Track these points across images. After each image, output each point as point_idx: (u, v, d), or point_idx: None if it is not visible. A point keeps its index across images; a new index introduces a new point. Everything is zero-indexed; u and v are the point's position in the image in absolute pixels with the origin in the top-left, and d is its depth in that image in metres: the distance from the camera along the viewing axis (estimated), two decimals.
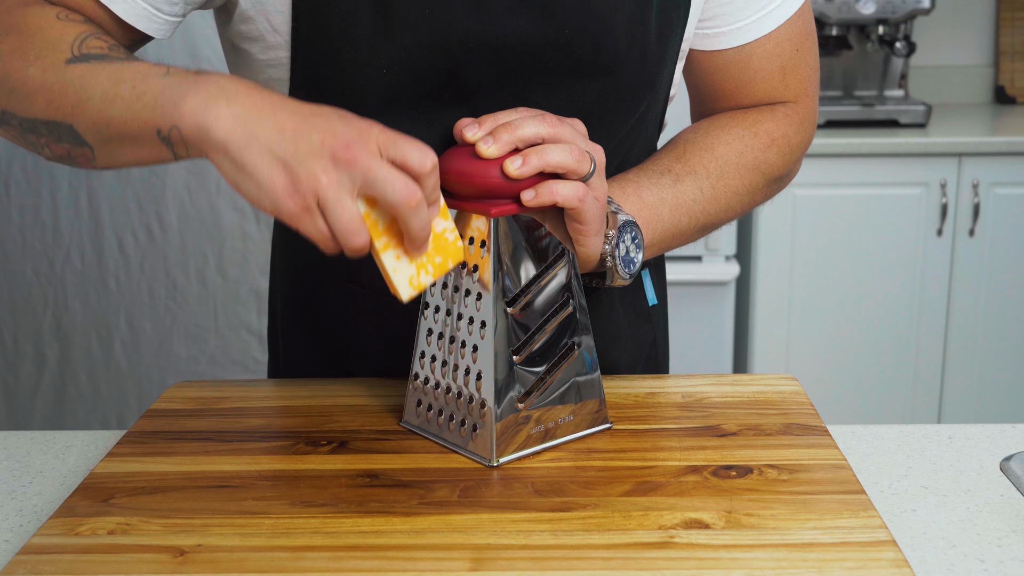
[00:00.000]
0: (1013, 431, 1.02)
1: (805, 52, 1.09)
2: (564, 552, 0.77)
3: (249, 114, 0.77)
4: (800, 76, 1.10)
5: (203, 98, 0.78)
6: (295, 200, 0.77)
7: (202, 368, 2.69)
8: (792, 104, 1.11)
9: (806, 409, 1.00)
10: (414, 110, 0.98)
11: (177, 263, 2.64)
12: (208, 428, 0.99)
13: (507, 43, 0.96)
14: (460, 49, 0.96)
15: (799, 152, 1.12)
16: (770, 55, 1.08)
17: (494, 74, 0.98)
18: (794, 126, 1.10)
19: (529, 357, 0.92)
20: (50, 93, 0.85)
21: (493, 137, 0.87)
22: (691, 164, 1.04)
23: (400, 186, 0.78)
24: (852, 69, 2.88)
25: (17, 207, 2.61)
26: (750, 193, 1.07)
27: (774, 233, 2.59)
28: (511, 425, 0.91)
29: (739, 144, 1.06)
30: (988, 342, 2.65)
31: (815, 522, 0.80)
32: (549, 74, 0.99)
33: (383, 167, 0.77)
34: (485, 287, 0.89)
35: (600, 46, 0.98)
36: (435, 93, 0.98)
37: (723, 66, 1.09)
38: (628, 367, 1.17)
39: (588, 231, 0.90)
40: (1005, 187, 2.58)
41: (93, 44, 0.86)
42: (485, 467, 0.90)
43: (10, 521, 0.88)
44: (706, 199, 1.04)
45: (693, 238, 1.06)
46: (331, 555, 0.77)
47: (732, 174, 1.05)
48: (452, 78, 0.97)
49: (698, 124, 1.10)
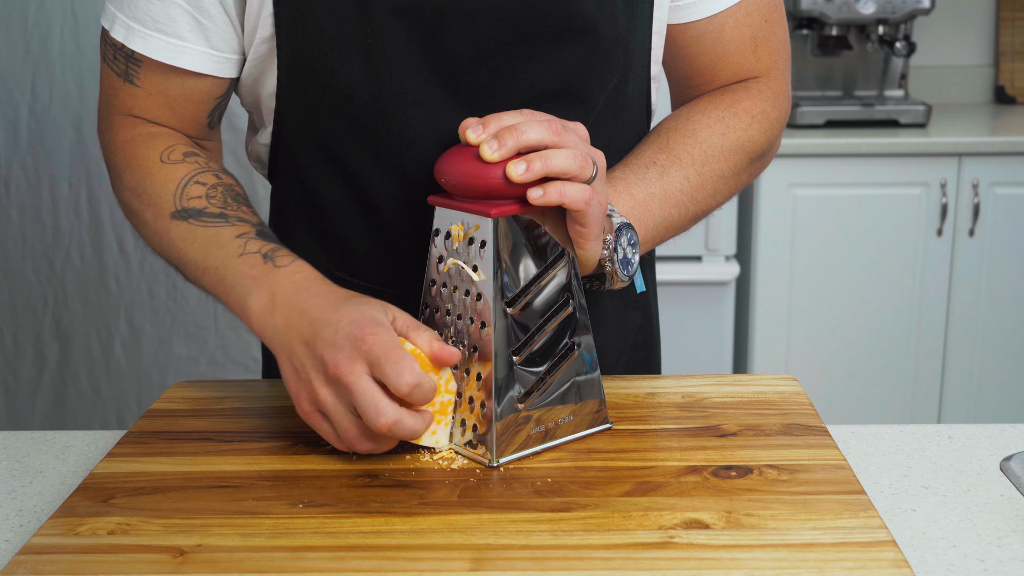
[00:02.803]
0: (1013, 431, 1.02)
1: (774, 24, 1.12)
2: (564, 552, 0.77)
3: (283, 326, 0.91)
4: (771, 48, 1.12)
5: (259, 305, 0.93)
6: (305, 405, 0.89)
7: (202, 368, 2.69)
8: (764, 79, 1.13)
9: (806, 409, 1.00)
10: (397, 90, 1.01)
11: None
12: (208, 428, 0.99)
13: (480, 8, 0.98)
14: (435, 16, 0.98)
15: (779, 127, 1.14)
16: (741, 25, 1.10)
17: (472, 43, 1.00)
18: (770, 101, 1.12)
19: (529, 357, 0.92)
20: (160, 242, 1.03)
21: (498, 141, 0.87)
22: (675, 153, 1.06)
23: (372, 414, 0.86)
24: (852, 69, 2.88)
25: (17, 207, 2.61)
26: (735, 174, 1.09)
27: (774, 233, 2.59)
28: (511, 425, 0.91)
29: (720, 126, 1.08)
30: (988, 342, 2.65)
31: (815, 522, 0.80)
32: (526, 42, 1.01)
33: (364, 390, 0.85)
34: (485, 287, 0.89)
35: (571, 6, 1.00)
36: (418, 66, 1.00)
37: (697, 38, 1.10)
38: (614, 353, 1.17)
39: (590, 234, 0.90)
40: (1005, 187, 2.58)
41: (192, 194, 1.02)
42: (485, 467, 0.90)
43: (10, 521, 0.88)
44: (693, 187, 1.05)
45: (685, 227, 1.08)
46: (331, 555, 0.77)
47: (717, 157, 1.07)
48: (432, 47, 0.99)
49: (678, 112, 1.12)
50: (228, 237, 0.98)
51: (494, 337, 0.89)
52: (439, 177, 0.91)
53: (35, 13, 2.53)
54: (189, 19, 1.02)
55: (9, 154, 2.59)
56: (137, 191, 1.05)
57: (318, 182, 1.09)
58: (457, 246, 0.91)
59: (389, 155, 1.03)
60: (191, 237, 1.00)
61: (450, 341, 0.93)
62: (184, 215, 1.01)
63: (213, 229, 0.99)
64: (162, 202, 1.02)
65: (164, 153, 1.05)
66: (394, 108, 1.02)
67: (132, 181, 1.06)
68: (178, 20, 1.01)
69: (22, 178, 2.60)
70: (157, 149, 1.06)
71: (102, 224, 2.62)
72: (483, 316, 0.90)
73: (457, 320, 0.92)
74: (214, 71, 1.05)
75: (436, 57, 1.00)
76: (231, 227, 0.99)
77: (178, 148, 1.06)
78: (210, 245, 0.98)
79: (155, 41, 1.02)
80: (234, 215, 1.01)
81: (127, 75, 1.05)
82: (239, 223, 1.00)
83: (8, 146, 2.58)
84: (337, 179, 1.08)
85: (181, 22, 1.02)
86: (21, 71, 2.55)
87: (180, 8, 1.01)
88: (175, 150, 1.06)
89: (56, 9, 2.53)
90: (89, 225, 2.62)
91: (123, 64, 1.05)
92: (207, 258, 0.98)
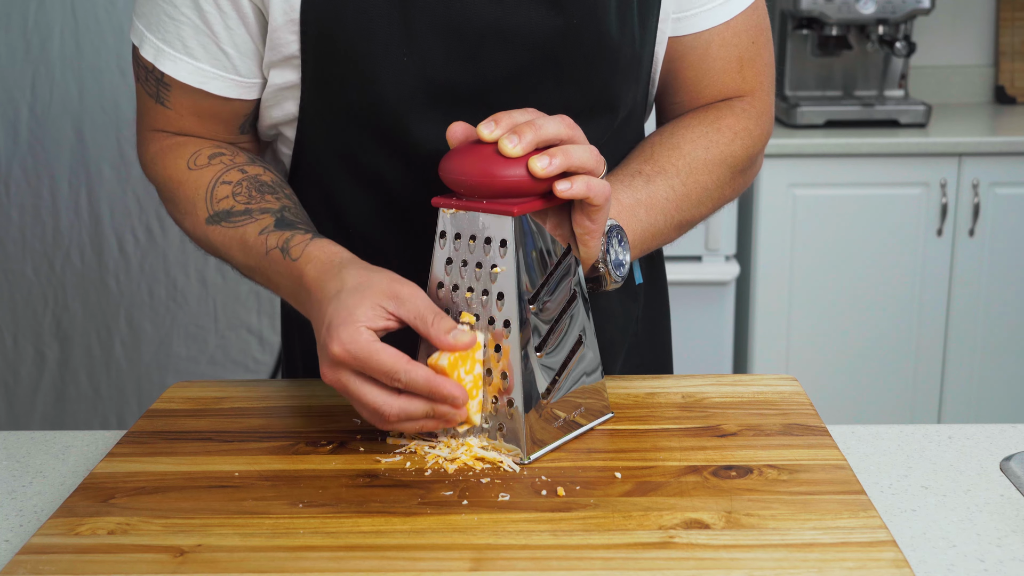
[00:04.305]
0: (1013, 431, 1.02)
1: (760, 46, 1.14)
2: (564, 552, 0.77)
3: (311, 312, 0.94)
4: (756, 69, 1.14)
5: (293, 303, 0.99)
6: (330, 381, 0.89)
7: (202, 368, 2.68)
8: (749, 98, 1.14)
9: (806, 409, 1.00)
10: (430, 104, 1.01)
11: (177, 263, 2.64)
12: (208, 428, 0.99)
13: (519, 32, 1.00)
14: (475, 36, 0.99)
15: (760, 144, 1.15)
16: (728, 44, 1.11)
17: (508, 65, 1.01)
18: (753, 119, 1.14)
19: (549, 353, 0.92)
20: (208, 248, 1.06)
21: (518, 136, 0.87)
22: (660, 164, 1.07)
23: (373, 419, 0.88)
24: (852, 69, 2.88)
25: (17, 207, 2.61)
26: (719, 187, 1.10)
27: (774, 233, 2.59)
28: (537, 421, 0.91)
29: (704, 140, 1.09)
30: (988, 342, 2.65)
31: (815, 522, 0.80)
32: (558, 66, 1.03)
33: (354, 393, 0.87)
34: (509, 287, 0.89)
35: (602, 33, 1.02)
36: (451, 84, 1.01)
37: (683, 53, 1.11)
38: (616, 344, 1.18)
39: (597, 231, 0.92)
40: (1005, 187, 2.58)
41: (220, 195, 1.03)
42: (485, 468, 0.90)
43: (10, 521, 0.88)
44: (679, 196, 1.06)
45: (671, 237, 1.09)
46: (331, 555, 0.77)
47: (701, 170, 1.08)
48: (467, 68, 1.00)
49: (663, 128, 1.14)
50: (253, 236, 1.00)
51: (520, 335, 0.89)
52: (449, 177, 0.90)
53: (35, 13, 2.53)
54: (214, 48, 1.03)
55: (9, 154, 2.59)
56: (174, 202, 1.07)
57: (343, 192, 1.09)
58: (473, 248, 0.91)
59: (420, 164, 1.03)
60: (228, 240, 1.02)
61: None
62: (217, 219, 1.03)
63: (241, 229, 1.01)
64: (197, 210, 1.04)
65: (190, 160, 1.06)
66: (424, 122, 1.02)
67: (168, 193, 1.08)
68: (205, 47, 1.03)
69: (22, 178, 2.60)
70: (183, 157, 1.07)
71: (102, 224, 2.62)
72: (507, 315, 0.90)
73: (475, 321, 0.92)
74: (241, 95, 1.06)
75: (472, 76, 1.01)
76: (255, 223, 1.00)
77: (203, 152, 1.07)
78: (244, 246, 1.01)
79: (184, 65, 1.04)
80: (257, 208, 1.02)
81: (158, 97, 1.07)
82: (261, 216, 1.01)
83: (8, 146, 2.58)
84: (364, 189, 1.08)
85: (208, 49, 1.03)
86: (21, 71, 2.56)
87: (207, 36, 1.02)
88: (200, 155, 1.07)
89: (56, 9, 2.53)
90: (89, 225, 2.62)
91: (154, 87, 1.07)
92: (247, 259, 1.01)
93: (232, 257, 1.03)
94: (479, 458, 0.91)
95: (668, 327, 1.30)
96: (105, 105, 2.57)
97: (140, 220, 2.61)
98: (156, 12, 1.03)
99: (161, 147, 1.09)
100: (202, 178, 1.05)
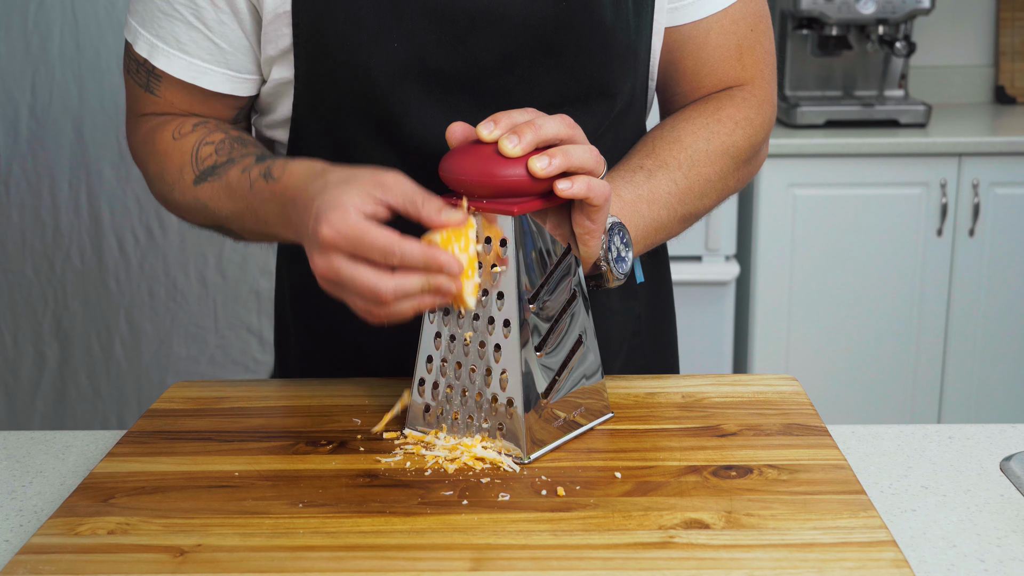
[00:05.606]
0: (1013, 431, 1.02)
1: (760, 34, 1.13)
2: (564, 552, 0.77)
3: (300, 219, 0.91)
4: (755, 57, 1.13)
5: (285, 231, 0.96)
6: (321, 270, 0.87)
7: (202, 368, 2.68)
8: (749, 87, 1.14)
9: (806, 409, 1.00)
10: (423, 91, 1.01)
11: (177, 263, 2.64)
12: (208, 428, 0.99)
13: (510, 16, 1.00)
14: (465, 20, 0.99)
15: (763, 132, 1.14)
16: (727, 32, 1.11)
17: (500, 50, 1.01)
18: (754, 108, 1.13)
19: (549, 352, 0.92)
20: (195, 213, 1.06)
21: (517, 136, 0.87)
22: (662, 158, 1.07)
23: (361, 302, 0.87)
24: (852, 69, 2.88)
25: (17, 207, 2.61)
26: (722, 178, 1.10)
27: (774, 233, 2.59)
28: (537, 421, 0.91)
29: (705, 132, 1.09)
30: (988, 342, 2.65)
31: (815, 522, 0.80)
32: (551, 51, 1.02)
33: (350, 271, 0.85)
34: (509, 286, 0.89)
35: (596, 19, 1.02)
36: (444, 70, 1.01)
37: (682, 43, 1.11)
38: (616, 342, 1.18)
39: (597, 231, 0.92)
40: (1005, 187, 2.57)
41: (204, 155, 1.04)
42: (485, 468, 0.90)
43: (10, 521, 0.88)
44: (681, 190, 1.06)
45: (676, 231, 1.09)
46: (331, 555, 0.77)
47: (703, 162, 1.08)
48: (459, 52, 1.00)
49: (663, 122, 1.13)
50: (236, 177, 1.00)
51: (519, 334, 0.89)
52: (449, 177, 0.90)
53: (35, 13, 2.53)
54: (208, 43, 1.04)
55: (9, 154, 2.59)
56: (162, 176, 1.07)
57: None
58: None
59: (414, 154, 1.03)
60: (215, 193, 1.02)
61: (464, 341, 0.93)
62: (203, 177, 1.03)
63: (225, 177, 1.02)
64: (184, 175, 1.05)
65: (175, 131, 1.07)
66: (418, 110, 1.02)
67: (157, 168, 1.08)
68: (198, 43, 1.04)
69: (22, 178, 2.60)
70: (168, 131, 1.08)
71: (102, 224, 2.62)
72: (506, 315, 0.90)
73: (473, 320, 0.92)
74: (234, 91, 1.07)
75: (464, 61, 1.01)
76: (237, 166, 1.01)
77: (187, 122, 1.08)
78: (230, 190, 1.01)
79: (177, 61, 1.05)
80: (239, 154, 1.02)
81: (148, 86, 1.08)
82: (242, 159, 1.01)
83: (8, 146, 2.58)
84: None
85: (201, 45, 1.04)
86: (21, 71, 2.56)
87: (200, 33, 1.03)
88: (184, 125, 1.07)
89: (56, 9, 2.53)
90: (89, 225, 2.62)
91: (144, 77, 1.08)
92: (234, 203, 1.01)
93: (221, 209, 1.02)
94: (479, 458, 0.91)
95: (674, 328, 1.30)
96: (105, 105, 2.57)
97: (140, 220, 2.61)
98: (150, 9, 1.04)
99: (148, 127, 1.09)
100: (186, 144, 1.06)
